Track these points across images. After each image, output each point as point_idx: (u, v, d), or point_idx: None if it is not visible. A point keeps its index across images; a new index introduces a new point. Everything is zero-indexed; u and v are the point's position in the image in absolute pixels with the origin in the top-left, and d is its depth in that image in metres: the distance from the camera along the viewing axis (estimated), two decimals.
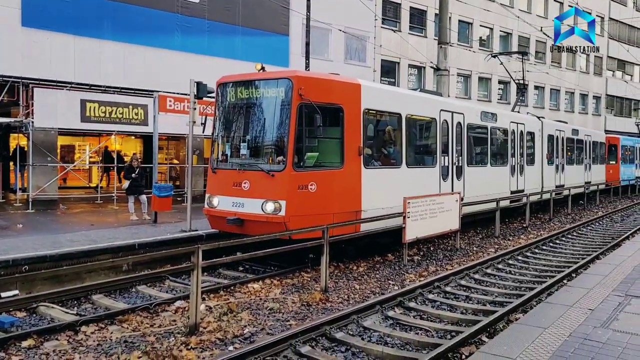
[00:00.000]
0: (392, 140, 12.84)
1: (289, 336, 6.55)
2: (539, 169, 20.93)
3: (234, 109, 11.53)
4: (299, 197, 10.19)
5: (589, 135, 27.76)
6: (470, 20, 36.78)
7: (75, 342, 6.79)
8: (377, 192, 11.57)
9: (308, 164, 10.45)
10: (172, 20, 20.68)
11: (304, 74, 10.90)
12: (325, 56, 26.97)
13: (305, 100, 10.11)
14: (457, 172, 14.90)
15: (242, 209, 10.51)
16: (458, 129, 15.08)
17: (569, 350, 5.07)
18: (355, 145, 11.05)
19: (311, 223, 9.73)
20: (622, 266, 8.95)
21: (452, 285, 9.85)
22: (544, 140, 21.48)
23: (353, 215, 10.88)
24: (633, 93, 51.16)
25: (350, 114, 11.00)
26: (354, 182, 11.05)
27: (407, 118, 12.76)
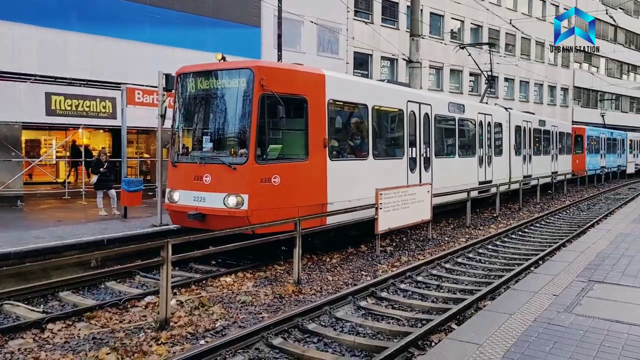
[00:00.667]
0: (359, 132, 12.67)
1: (261, 328, 6.54)
2: (507, 159, 21.06)
3: (194, 101, 11.20)
4: (262, 191, 9.98)
5: (555, 126, 28.03)
6: (442, 13, 37.07)
7: (41, 340, 6.68)
8: (343, 185, 11.46)
9: (271, 156, 10.25)
10: (140, 11, 20.32)
11: (266, 64, 10.62)
12: (297, 48, 26.88)
13: (267, 91, 9.91)
14: (424, 163, 14.87)
15: (203, 204, 10.22)
16: (425, 120, 15.01)
17: (533, 335, 5.19)
18: (320, 137, 10.88)
19: (275, 217, 9.60)
20: (586, 253, 9.18)
21: (424, 275, 9.97)
22: (512, 131, 21.60)
23: (319, 208, 10.72)
24: (599, 85, 52.26)
25: (315, 105, 10.81)
26: (320, 175, 10.91)
27: (373, 109, 12.65)
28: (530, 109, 42.08)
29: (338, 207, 11.07)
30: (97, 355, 5.98)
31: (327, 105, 11.09)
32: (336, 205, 11.08)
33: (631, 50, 58.32)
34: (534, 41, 46.26)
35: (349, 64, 30.09)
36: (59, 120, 18.02)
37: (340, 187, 11.34)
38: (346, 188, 11.53)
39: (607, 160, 37.91)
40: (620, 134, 42.03)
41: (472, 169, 18.04)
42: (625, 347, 4.91)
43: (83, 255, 6.64)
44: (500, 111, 21.08)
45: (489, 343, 4.98)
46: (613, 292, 6.76)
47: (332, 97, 11.28)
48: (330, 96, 11.19)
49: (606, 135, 38.20)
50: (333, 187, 11.13)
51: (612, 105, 58.46)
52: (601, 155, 36.73)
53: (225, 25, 23.19)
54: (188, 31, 21.75)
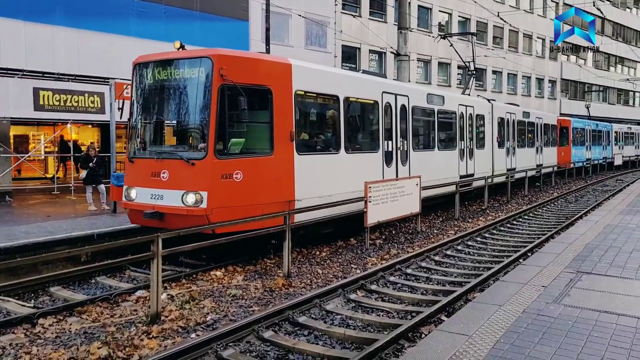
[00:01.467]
0: (330, 125, 12.24)
1: (252, 322, 6.57)
2: (490, 152, 20.73)
3: (151, 92, 10.52)
4: (222, 188, 9.44)
5: (540, 118, 27.57)
6: (430, 6, 37.09)
7: (32, 334, 6.67)
8: (313, 180, 11.01)
9: (233, 151, 9.70)
10: (127, 5, 20.16)
11: (226, 53, 9.88)
12: (285, 42, 26.81)
13: (227, 82, 9.34)
14: (401, 157, 14.39)
15: (161, 202, 9.64)
16: (402, 112, 14.50)
17: (522, 326, 5.25)
18: (287, 130, 10.36)
19: (237, 215, 9.15)
20: (574, 244, 9.27)
21: (413, 267, 10.03)
22: (494, 123, 21.24)
23: (285, 206, 10.12)
24: (587, 77, 52.62)
25: (280, 96, 10.27)
26: (286, 170, 10.41)
27: (345, 100, 12.10)
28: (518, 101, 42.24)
29: (307, 204, 10.59)
30: (89, 350, 5.98)
31: (294, 96, 10.58)
32: (305, 202, 10.60)
33: (618, 43, 58.73)
34: (522, 34, 46.45)
35: (337, 58, 30.06)
36: (47, 116, 17.88)
37: (309, 183, 10.88)
38: (316, 184, 11.08)
39: (593, 152, 37.42)
40: (606, 126, 41.74)
41: (452, 162, 17.63)
42: (614, 337, 4.98)
43: (73, 250, 6.62)
44: (482, 103, 20.72)
45: (479, 334, 5.04)
46: (601, 283, 6.84)
47: (299, 88, 10.77)
48: (297, 87, 10.67)
49: (591, 127, 37.80)
50: (301, 183, 10.65)
51: (600, 97, 58.92)
52: (587, 148, 36.23)
53: (213, 19, 23.07)
54: (176, 25, 21.59)
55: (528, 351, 4.65)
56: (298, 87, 10.73)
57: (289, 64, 10.74)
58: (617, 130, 43.89)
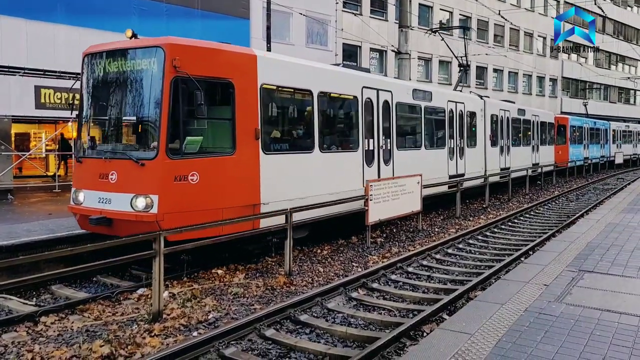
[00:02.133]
0: (302, 122, 11.48)
1: (254, 320, 6.58)
2: (482, 151, 19.90)
3: (100, 86, 9.64)
4: (176, 191, 8.56)
5: (536, 115, 26.72)
6: (430, 4, 37.05)
7: (35, 332, 6.68)
8: (282, 182, 10.25)
9: (188, 150, 8.85)
10: (128, 3, 20.13)
11: (181, 42, 8.98)
12: (286, 40, 26.79)
13: (181, 74, 8.49)
14: (384, 156, 13.53)
15: (109, 206, 8.77)
16: (385, 108, 13.62)
17: (524, 325, 5.25)
18: (251, 128, 9.53)
19: (194, 220, 8.32)
20: (576, 243, 9.27)
21: (415, 266, 10.03)
22: (487, 120, 20.36)
23: (249, 210, 9.41)
24: (587, 75, 52.57)
25: (244, 90, 9.44)
26: (250, 171, 9.57)
27: (320, 95, 11.30)
28: (519, 99, 42.31)
29: (275, 207, 9.71)
30: (91, 348, 5.98)
31: (260, 90, 9.75)
32: (272, 206, 9.75)
33: (619, 41, 58.67)
34: (523, 32, 46.40)
35: (338, 56, 30.02)
36: (48, 114, 17.86)
37: (278, 184, 10.12)
38: (286, 186, 10.32)
39: (591, 151, 36.66)
40: (604, 124, 40.89)
41: (441, 161, 16.79)
42: (616, 336, 4.98)
43: (75, 249, 6.62)
44: (474, 99, 19.91)
45: (481, 333, 5.04)
46: (603, 281, 6.84)
47: (266, 82, 9.96)
48: (263, 80, 9.85)
49: (589, 125, 36.99)
50: (268, 185, 9.85)
51: (600, 96, 58.86)
52: (584, 146, 35.42)
53: (214, 17, 23.04)
54: (176, 23, 21.57)
55: (530, 350, 4.65)
56: (265, 80, 9.94)
57: (254, 55, 9.95)
58: (615, 128, 43.25)
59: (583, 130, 35.37)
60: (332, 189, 11.41)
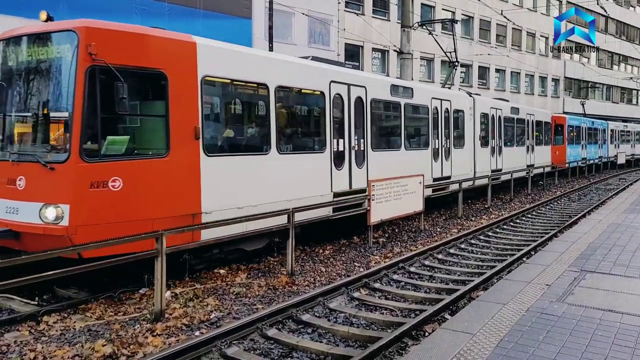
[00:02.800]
0: (255, 120, 10.41)
1: (256, 319, 6.59)
2: (471, 152, 18.71)
3: (9, 77, 8.33)
4: (92, 199, 7.37)
5: (531, 114, 25.35)
6: (433, 4, 37.03)
7: (37, 332, 6.69)
8: (230, 188, 9.12)
9: (110, 151, 7.68)
10: (130, 2, 20.17)
11: (99, 25, 7.68)
12: (288, 40, 26.80)
13: (99, 62, 7.32)
14: (357, 158, 12.38)
15: (16, 217, 7.60)
16: (358, 105, 12.48)
17: (526, 325, 5.25)
18: (190, 126, 8.38)
19: (116, 233, 7.02)
20: (578, 243, 9.27)
21: (417, 266, 10.03)
22: (477, 119, 19.14)
23: (188, 220, 8.26)
24: (590, 75, 52.51)
25: (180, 82, 8.28)
26: (188, 175, 8.40)
27: (277, 90, 10.16)
28: (522, 99, 42.32)
29: (221, 216, 8.59)
30: (93, 347, 6.00)
31: (202, 83, 8.60)
32: (216, 215, 8.61)
33: (622, 41, 58.59)
34: (525, 32, 46.36)
35: (340, 56, 30.03)
36: None
37: (224, 191, 9.00)
38: (235, 192, 9.21)
39: (589, 151, 35.49)
40: (602, 124, 39.56)
41: (424, 163, 15.47)
42: (618, 336, 4.98)
43: (77, 247, 6.62)
44: (461, 96, 18.74)
45: (483, 333, 5.04)
46: (605, 281, 6.84)
47: (209, 73, 8.81)
48: (206, 72, 8.69)
49: (587, 124, 35.71)
50: (212, 192, 8.71)
51: (603, 96, 58.78)
52: (582, 146, 34.21)
53: (216, 17, 23.06)
54: (179, 23, 21.53)
55: (532, 350, 4.65)
56: (207, 72, 8.78)
57: (193, 42, 8.66)
58: (613, 128, 42.06)
59: (581, 130, 34.23)
60: (294, 195, 10.37)
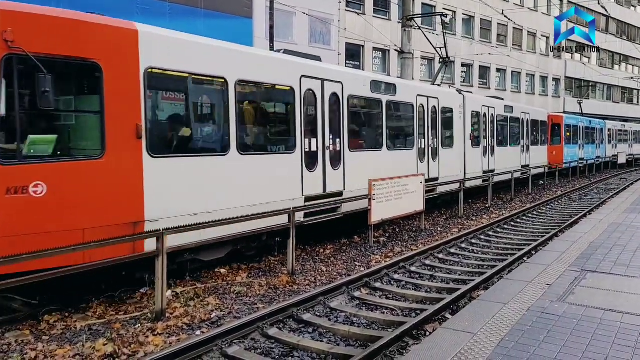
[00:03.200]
0: (212, 117, 9.65)
1: (257, 319, 6.60)
2: (461, 152, 17.82)
3: None
4: (7, 207, 6.51)
5: (526, 113, 24.38)
6: (434, 3, 37.00)
7: (38, 331, 6.70)
8: (180, 193, 8.23)
9: (32, 152, 6.80)
10: (131, 2, 20.16)
11: (16, 8, 6.77)
12: (289, 39, 26.79)
13: (17, 51, 6.52)
14: (332, 158, 11.56)
15: None
16: (334, 102, 11.67)
17: (527, 324, 5.25)
18: (130, 124, 7.51)
19: (37, 246, 6.18)
20: (578, 243, 9.26)
21: (417, 265, 10.03)
22: (467, 118, 18.24)
23: (127, 229, 7.36)
24: (590, 75, 52.49)
25: (118, 75, 7.41)
26: (129, 179, 7.53)
27: (238, 85, 9.30)
28: (523, 99, 42.30)
29: (169, 224, 7.60)
30: (94, 347, 6.01)
31: (145, 76, 7.71)
32: (163, 223, 7.62)
33: (623, 41, 58.55)
34: (526, 32, 46.34)
35: (341, 55, 30.04)
36: None
37: (174, 196, 8.13)
38: (187, 197, 8.33)
39: (586, 151, 34.38)
40: (599, 123, 38.55)
41: (408, 164, 14.65)
42: (618, 336, 4.98)
43: (77, 247, 6.62)
44: (450, 94, 17.79)
45: (484, 332, 5.04)
46: (606, 281, 6.84)
47: (154, 65, 7.92)
48: (150, 63, 7.81)
49: (584, 124, 34.69)
50: (157, 197, 7.81)
51: (604, 96, 58.74)
52: (580, 146, 33.25)
53: (217, 16, 23.05)
54: (180, 22, 21.51)
55: (533, 349, 4.65)
56: (152, 63, 7.91)
57: (134, 30, 7.75)
58: (610, 127, 41.02)
59: (578, 129, 33.35)
60: (258, 200, 9.56)
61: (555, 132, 29.77)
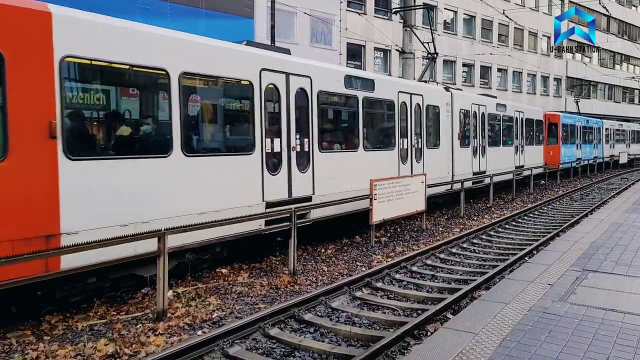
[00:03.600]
0: (149, 113, 8.52)
1: (258, 319, 6.60)
2: (448, 152, 16.92)
3: None
4: None
5: (520, 112, 23.26)
6: (435, 3, 36.98)
7: (39, 331, 6.70)
8: (106, 201, 7.20)
9: None
10: (132, 2, 20.18)
11: None
12: (291, 39, 26.79)
13: None
14: (298, 160, 10.67)
15: None
16: (301, 98, 10.82)
17: (528, 324, 5.25)
18: (41, 121, 6.57)
19: None
20: (580, 242, 9.25)
21: (419, 265, 10.03)
22: (455, 116, 17.23)
23: (39, 243, 6.41)
24: (592, 75, 52.44)
25: (25, 64, 6.46)
26: (39, 185, 6.54)
27: (183, 78, 8.29)
28: (524, 99, 42.26)
29: (89, 237, 6.65)
30: (96, 347, 6.01)
31: (61, 66, 6.79)
32: (85, 236, 6.72)
33: (624, 41, 58.50)
34: (527, 31, 46.30)
35: (342, 55, 30.03)
36: None
37: (98, 205, 7.11)
38: (115, 205, 7.32)
39: (584, 151, 33.56)
40: (597, 122, 37.65)
41: (388, 166, 13.65)
42: (620, 335, 4.98)
43: (80, 247, 6.61)
44: (437, 91, 16.90)
45: (485, 332, 5.04)
46: (607, 281, 6.83)
47: (72, 53, 6.94)
48: (67, 51, 6.86)
49: (582, 123, 33.79)
50: (77, 206, 6.88)
51: (605, 95, 58.68)
52: (577, 146, 32.41)
53: (218, 17, 23.06)
54: (181, 22, 21.52)
55: (534, 349, 4.65)
56: (70, 51, 6.92)
57: (47, 12, 6.72)
58: (608, 127, 39.99)
59: (576, 129, 32.42)
60: (208, 207, 8.64)
61: (552, 131, 29.14)
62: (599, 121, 38.58)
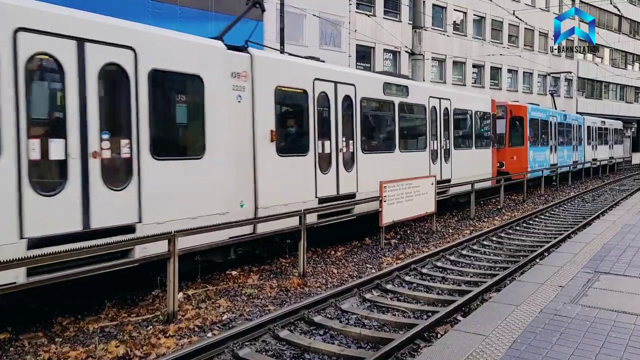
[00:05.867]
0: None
1: (268, 321, 6.60)
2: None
3: None
4: None
5: (444, 99, 15.83)
6: (444, 5, 36.88)
7: (51, 333, 6.74)
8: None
9: None
10: (142, 5, 20.31)
11: None
12: (300, 42, 26.83)
13: None
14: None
15: None
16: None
17: (539, 326, 5.21)
18: None
19: None
20: (591, 244, 9.18)
21: (429, 267, 9.99)
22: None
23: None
24: (603, 75, 52.01)
25: None
26: None
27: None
28: (534, 99, 41.92)
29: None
30: (107, 348, 6.05)
31: None
32: None
33: (636, 40, 57.98)
34: (538, 32, 46.04)
35: (352, 57, 30.03)
36: None
37: None
38: None
39: (560, 154, 26.95)
40: (576, 118, 30.92)
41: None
42: (632, 338, 4.93)
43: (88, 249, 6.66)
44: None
45: (495, 334, 5.01)
46: (619, 283, 6.77)
47: None
48: None
49: (557, 119, 26.88)
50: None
51: (617, 96, 58.16)
52: (551, 148, 25.77)
53: (228, 19, 22.87)
54: (190, 26, 21.65)
55: (545, 352, 4.62)
56: None
57: None
58: (589, 125, 33.30)
59: (549, 126, 25.59)
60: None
61: (517, 129, 22.61)
62: (580, 117, 32.38)
